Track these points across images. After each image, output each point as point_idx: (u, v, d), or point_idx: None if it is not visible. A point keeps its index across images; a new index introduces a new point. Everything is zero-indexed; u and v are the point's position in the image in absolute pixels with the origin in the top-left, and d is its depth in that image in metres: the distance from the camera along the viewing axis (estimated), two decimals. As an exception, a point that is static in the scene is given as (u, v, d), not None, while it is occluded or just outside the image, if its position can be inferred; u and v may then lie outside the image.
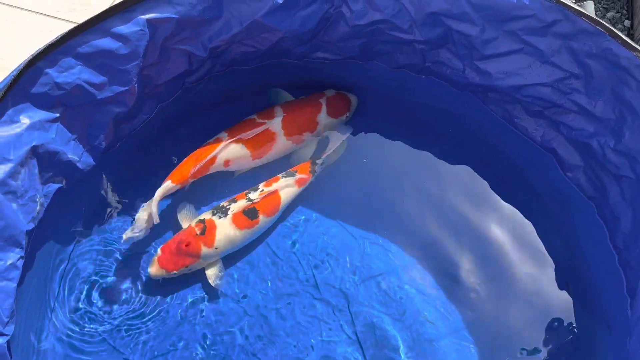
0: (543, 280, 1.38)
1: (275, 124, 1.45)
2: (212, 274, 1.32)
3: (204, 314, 1.33)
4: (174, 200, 1.44)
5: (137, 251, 1.39)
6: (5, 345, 1.05)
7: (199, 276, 1.36)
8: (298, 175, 1.40)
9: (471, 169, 1.51)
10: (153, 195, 1.33)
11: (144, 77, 1.31)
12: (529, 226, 1.44)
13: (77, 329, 1.29)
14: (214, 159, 1.39)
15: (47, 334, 1.27)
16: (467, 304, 1.35)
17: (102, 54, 1.18)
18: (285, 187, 1.39)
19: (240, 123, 1.46)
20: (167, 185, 1.34)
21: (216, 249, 1.31)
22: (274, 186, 1.37)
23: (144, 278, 1.35)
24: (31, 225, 1.15)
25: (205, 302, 1.34)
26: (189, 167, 1.36)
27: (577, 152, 1.34)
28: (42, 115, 1.15)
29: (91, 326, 1.29)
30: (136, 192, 1.45)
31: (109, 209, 1.43)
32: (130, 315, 1.31)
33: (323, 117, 1.50)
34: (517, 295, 1.36)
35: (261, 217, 1.35)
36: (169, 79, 1.39)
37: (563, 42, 1.20)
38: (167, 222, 1.40)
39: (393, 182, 1.50)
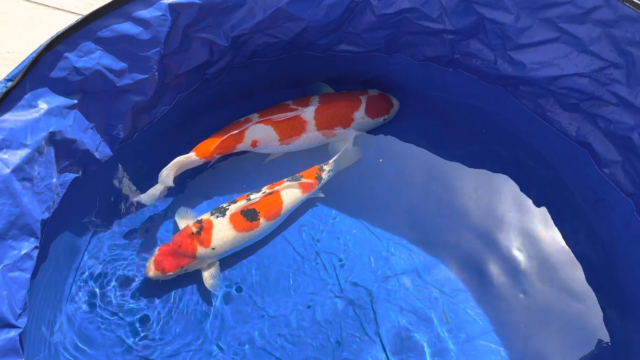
0: (576, 284, 1.31)
1: (308, 113, 1.42)
2: (208, 276, 1.27)
3: (222, 312, 1.28)
4: (174, 204, 1.39)
5: (156, 246, 1.34)
6: (18, 338, 1.01)
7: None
8: (303, 180, 1.35)
9: (499, 166, 1.45)
10: (168, 189, 1.31)
11: (164, 66, 1.27)
12: (561, 226, 1.37)
13: (89, 323, 1.24)
14: (241, 137, 1.38)
15: (60, 327, 1.22)
16: (496, 306, 1.29)
17: (122, 39, 1.14)
18: (288, 190, 1.33)
19: (273, 106, 1.44)
20: (190, 156, 1.33)
21: (213, 249, 1.26)
22: (276, 188, 1.32)
23: (160, 273, 1.30)
24: (46, 215, 1.11)
25: (224, 300, 1.29)
26: (214, 142, 1.35)
27: (615, 147, 1.28)
28: (60, 100, 1.11)
29: (104, 321, 1.25)
30: (152, 185, 1.41)
31: (125, 202, 1.39)
32: (145, 312, 1.27)
33: (359, 115, 1.45)
34: (549, 298, 1.30)
35: (262, 220, 1.30)
36: (190, 69, 1.35)
37: (603, 29, 1.15)
38: (170, 226, 1.37)
39: (417, 181, 1.45)
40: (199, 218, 1.30)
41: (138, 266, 1.31)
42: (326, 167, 1.39)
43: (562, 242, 1.36)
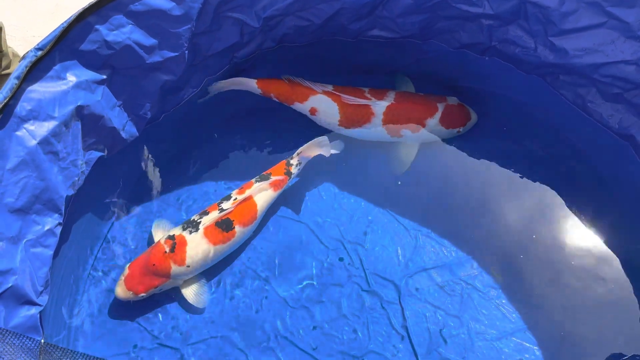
0: (616, 283, 1.26)
1: (379, 107, 1.36)
2: (189, 292, 1.21)
3: (245, 301, 1.24)
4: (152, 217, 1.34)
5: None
6: (38, 316, 0.98)
7: (237, 260, 1.28)
8: (273, 178, 1.28)
9: (534, 160, 1.40)
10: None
11: (194, 45, 1.24)
12: (599, 223, 1.32)
13: (109, 307, 1.22)
14: (304, 97, 1.36)
15: (79, 310, 1.20)
16: (530, 304, 1.24)
17: (154, 14, 1.11)
18: (260, 192, 1.26)
19: (349, 87, 1.38)
20: (251, 82, 1.34)
21: (188, 266, 1.19)
22: (248, 193, 1.25)
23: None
24: (71, 192, 1.08)
25: (247, 289, 1.25)
26: (278, 84, 1.36)
27: (661, 139, 1.23)
28: (89, 75, 1.09)
29: (124, 306, 1.21)
30: (177, 170, 1.39)
31: (148, 185, 1.36)
32: (165, 299, 1.23)
33: (432, 123, 1.38)
34: (586, 297, 1.25)
35: (237, 228, 1.22)
36: (219, 51, 1.32)
37: (654, 13, 1.10)
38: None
39: (447, 174, 1.41)
40: (171, 234, 1.22)
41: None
42: (294, 162, 1.31)
43: (601, 240, 1.30)
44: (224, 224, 1.21)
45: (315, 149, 1.31)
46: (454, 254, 1.30)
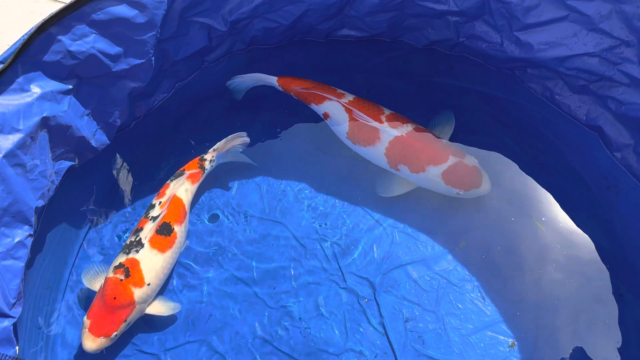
0: (589, 273, 1.27)
1: (388, 134, 1.30)
2: (158, 309, 1.19)
3: (222, 304, 1.24)
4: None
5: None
6: (12, 328, 0.98)
7: (215, 262, 1.29)
8: (187, 172, 1.30)
9: (507, 153, 1.41)
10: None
11: (161, 52, 1.24)
12: (572, 214, 1.33)
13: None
14: (320, 100, 1.36)
15: (57, 318, 1.20)
16: (505, 297, 1.25)
17: (117, 22, 1.12)
18: (180, 188, 1.27)
19: (369, 102, 1.35)
20: (271, 79, 1.37)
21: (149, 284, 1.17)
22: (169, 193, 1.26)
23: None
24: (41, 202, 1.09)
25: (225, 291, 1.26)
26: (297, 83, 1.37)
27: (626, 130, 1.24)
28: (54, 85, 1.09)
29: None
30: (151, 176, 1.39)
31: (122, 192, 1.36)
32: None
33: (434, 172, 1.29)
34: (561, 288, 1.26)
35: (176, 227, 1.23)
36: (188, 56, 1.32)
37: (614, 5, 1.11)
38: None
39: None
40: (116, 264, 1.18)
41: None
42: (207, 157, 1.32)
43: (574, 231, 1.31)
44: (164, 229, 1.22)
45: (230, 143, 1.34)
46: (429, 249, 1.31)
